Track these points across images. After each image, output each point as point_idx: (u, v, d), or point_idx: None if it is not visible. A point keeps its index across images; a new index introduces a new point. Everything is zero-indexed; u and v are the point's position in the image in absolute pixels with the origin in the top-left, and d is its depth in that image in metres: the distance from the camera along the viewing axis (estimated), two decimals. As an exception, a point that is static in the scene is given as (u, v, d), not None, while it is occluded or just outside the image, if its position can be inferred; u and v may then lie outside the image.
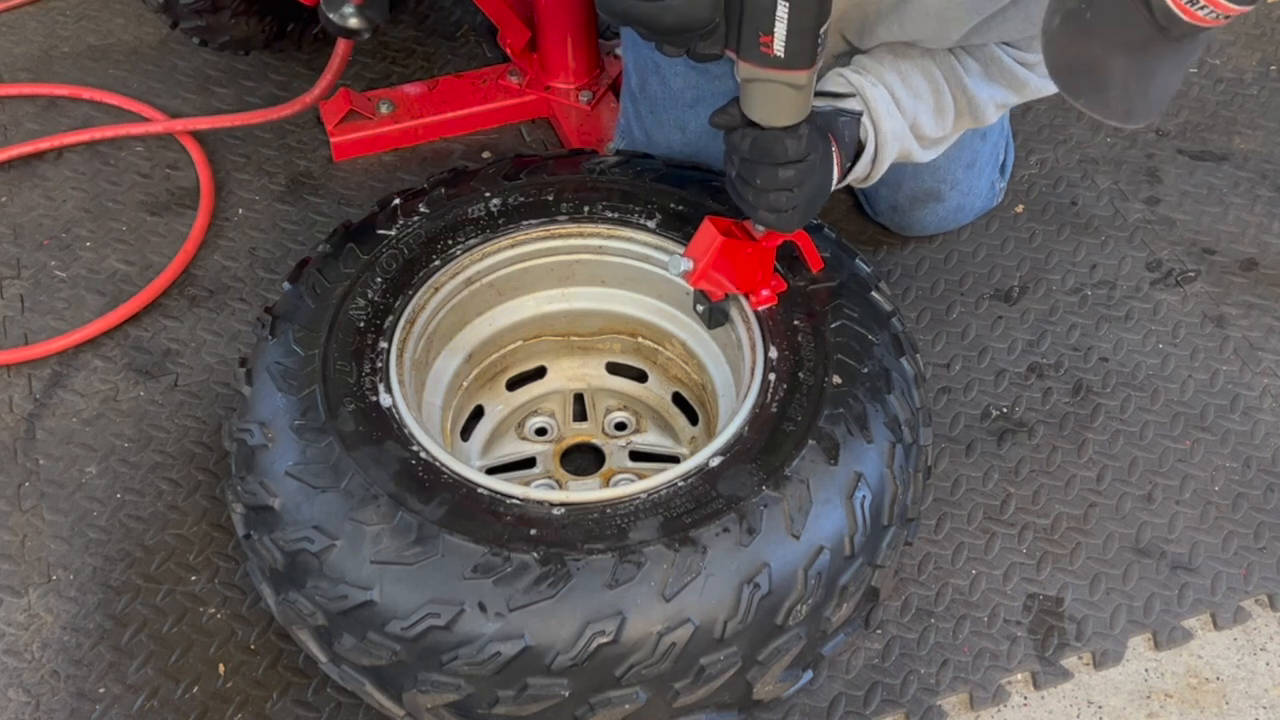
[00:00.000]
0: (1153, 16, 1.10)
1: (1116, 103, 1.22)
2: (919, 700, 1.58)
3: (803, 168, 1.42)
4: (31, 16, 2.47)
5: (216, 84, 2.34)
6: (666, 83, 1.91)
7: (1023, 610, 1.66)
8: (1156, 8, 1.10)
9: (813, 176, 1.45)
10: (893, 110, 1.59)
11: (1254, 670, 1.63)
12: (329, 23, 1.88)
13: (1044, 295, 2.02)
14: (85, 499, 1.75)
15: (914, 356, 1.57)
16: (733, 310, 1.58)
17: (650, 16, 1.27)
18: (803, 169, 1.42)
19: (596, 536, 1.33)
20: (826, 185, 1.51)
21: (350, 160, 2.22)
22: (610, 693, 1.31)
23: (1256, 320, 1.99)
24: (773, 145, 1.39)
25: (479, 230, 1.64)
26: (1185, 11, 1.09)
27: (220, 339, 1.94)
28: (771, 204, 1.44)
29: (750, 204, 1.46)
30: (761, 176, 1.42)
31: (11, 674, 1.59)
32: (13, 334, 1.95)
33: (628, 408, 1.79)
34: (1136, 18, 1.12)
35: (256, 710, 1.56)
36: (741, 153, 1.42)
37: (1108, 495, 1.78)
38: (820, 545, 1.36)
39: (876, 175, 1.64)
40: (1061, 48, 1.19)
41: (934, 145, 1.70)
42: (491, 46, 2.40)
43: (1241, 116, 2.30)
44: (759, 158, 1.41)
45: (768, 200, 1.44)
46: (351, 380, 1.47)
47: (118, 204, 2.13)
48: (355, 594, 1.31)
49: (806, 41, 1.27)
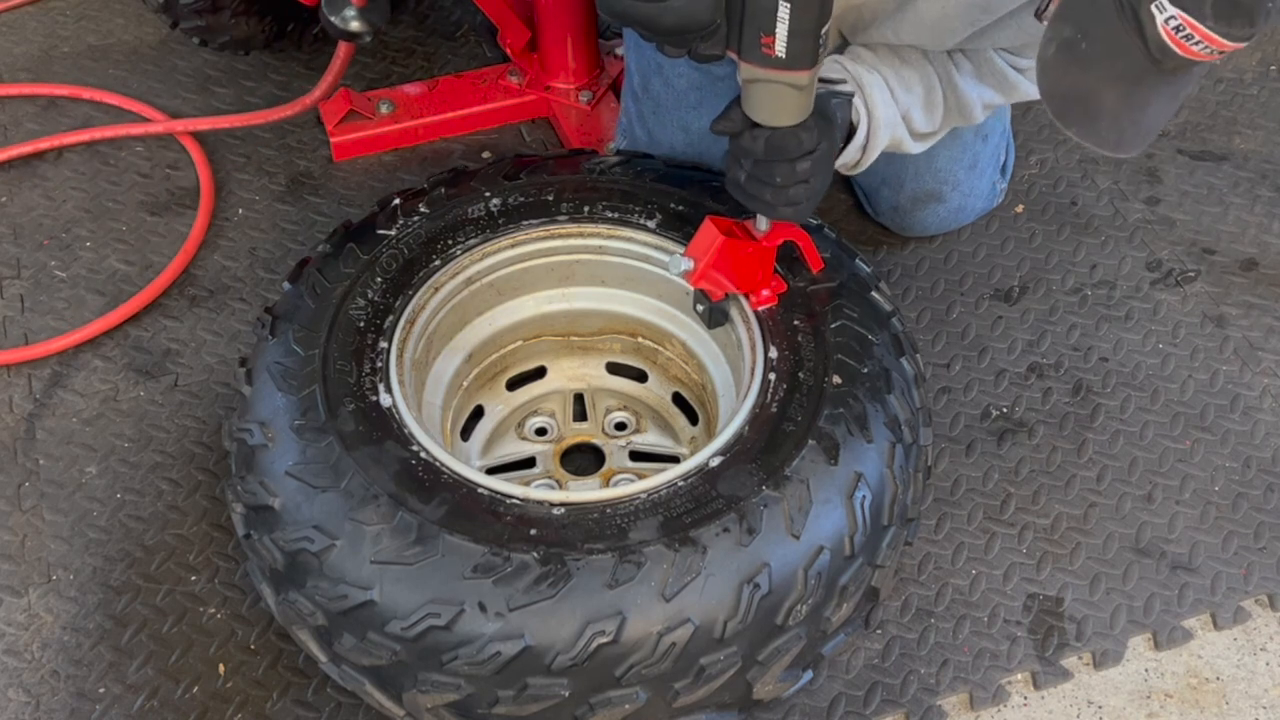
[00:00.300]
0: (1147, 49, 1.11)
1: (1107, 132, 1.22)
2: (919, 700, 1.58)
3: (816, 157, 1.43)
4: (31, 16, 2.47)
5: (216, 84, 2.34)
6: (670, 83, 1.90)
7: (1023, 610, 1.66)
8: (1151, 41, 1.10)
9: (826, 163, 1.47)
10: (887, 98, 1.60)
11: (1254, 670, 1.63)
12: (330, 25, 1.88)
13: (1044, 295, 2.02)
14: (85, 499, 1.75)
15: (914, 356, 1.57)
16: (733, 310, 1.58)
17: (651, 17, 1.27)
18: (817, 159, 1.43)
19: (596, 536, 1.33)
20: (831, 170, 1.52)
21: (350, 160, 2.22)
22: (610, 693, 1.31)
23: (1256, 320, 1.99)
24: (787, 142, 1.40)
25: (479, 230, 1.64)
26: (1179, 46, 1.09)
27: (220, 339, 1.94)
28: (791, 198, 1.45)
29: (769, 203, 1.46)
30: (781, 174, 1.42)
31: (11, 674, 1.59)
32: (13, 334, 1.95)
33: (628, 408, 1.79)
34: (1131, 50, 1.12)
35: (256, 710, 1.56)
36: (756, 154, 1.42)
37: (1108, 495, 1.78)
38: (820, 545, 1.36)
39: (866, 163, 1.64)
40: (1055, 76, 1.20)
41: (923, 139, 1.71)
42: (491, 46, 2.40)
43: (1241, 116, 2.30)
44: (776, 156, 1.41)
45: (787, 195, 1.44)
46: (351, 380, 1.47)
47: (118, 204, 2.13)
48: (355, 594, 1.31)
49: (808, 42, 1.27)
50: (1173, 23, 1.08)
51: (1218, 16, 1.06)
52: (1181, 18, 1.07)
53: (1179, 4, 1.06)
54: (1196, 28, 1.07)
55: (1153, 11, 1.08)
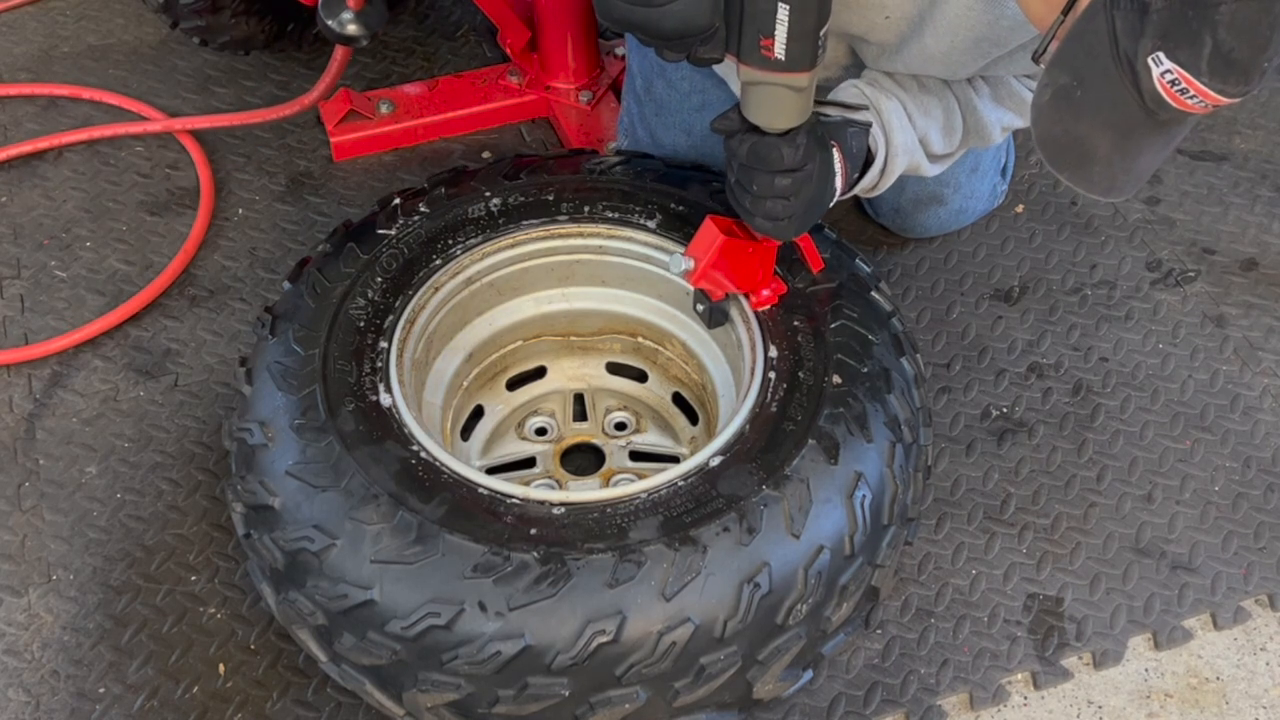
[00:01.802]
0: (1142, 101, 1.12)
1: (1100, 178, 1.23)
2: (919, 700, 1.58)
3: (799, 176, 1.42)
4: (31, 16, 2.47)
5: (216, 84, 2.34)
6: (673, 85, 1.90)
7: (1023, 610, 1.66)
8: (1146, 93, 1.11)
9: (809, 186, 1.45)
10: (905, 123, 1.59)
11: (1254, 670, 1.63)
12: (326, 29, 1.88)
13: (1044, 295, 2.02)
14: (85, 499, 1.75)
15: (914, 356, 1.57)
16: (733, 310, 1.58)
17: (651, 22, 1.27)
18: (799, 178, 1.42)
19: (597, 536, 1.33)
20: (826, 195, 1.51)
21: (350, 160, 2.22)
22: (610, 692, 1.31)
23: (1256, 320, 1.99)
24: (769, 152, 1.40)
25: (479, 230, 1.64)
26: (1174, 99, 1.10)
27: (220, 339, 1.94)
28: (768, 211, 1.45)
29: (747, 210, 1.46)
30: (758, 183, 1.42)
31: (11, 674, 1.59)
32: (13, 334, 1.95)
33: (628, 408, 1.79)
34: (1126, 100, 1.13)
35: (256, 710, 1.56)
36: (740, 158, 1.42)
37: (1108, 495, 1.78)
38: (820, 545, 1.36)
39: (884, 186, 1.64)
40: (1049, 123, 1.20)
41: (940, 161, 1.70)
42: (491, 46, 2.40)
43: (1241, 116, 2.30)
44: (755, 164, 1.41)
45: (764, 208, 1.44)
46: (352, 380, 1.47)
47: (118, 204, 2.13)
48: (355, 593, 1.31)
49: (807, 44, 1.27)
50: (1169, 77, 1.08)
51: (1213, 73, 1.07)
52: (1178, 73, 1.08)
53: (1176, 59, 1.07)
54: (1192, 83, 1.08)
55: (1149, 64, 1.09)
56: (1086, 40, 1.14)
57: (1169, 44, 1.07)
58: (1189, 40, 1.06)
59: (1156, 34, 1.07)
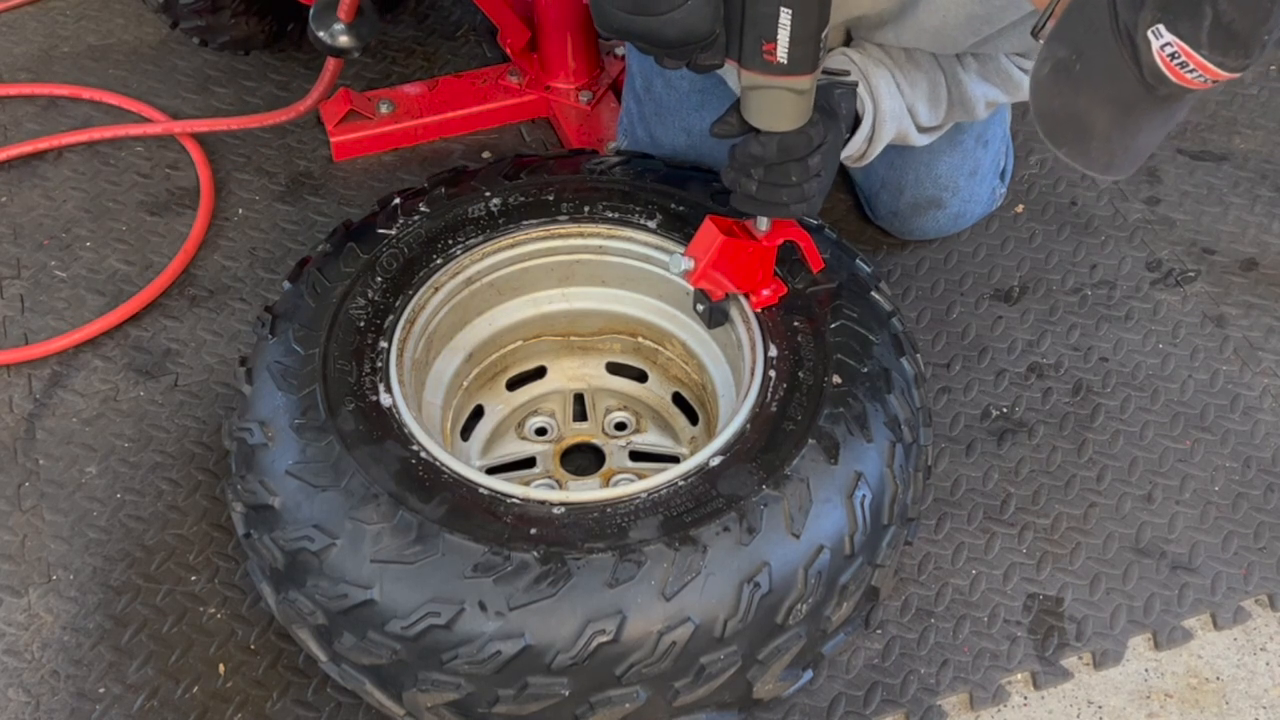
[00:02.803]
0: (1142, 75, 1.11)
1: (1098, 155, 1.22)
2: (919, 700, 1.58)
3: (825, 150, 1.44)
4: (31, 16, 2.47)
5: (216, 84, 2.34)
6: (673, 86, 1.91)
7: (1023, 610, 1.66)
8: (1146, 67, 1.10)
9: (833, 154, 1.47)
10: (893, 90, 1.60)
11: (1254, 670, 1.63)
12: (318, 41, 1.87)
13: (1044, 295, 2.02)
14: (85, 499, 1.75)
15: (914, 356, 1.57)
16: (733, 310, 1.58)
17: (651, 31, 1.26)
18: (825, 151, 1.44)
19: (597, 536, 1.33)
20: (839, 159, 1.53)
21: (350, 160, 2.22)
22: (610, 692, 1.31)
23: (1256, 320, 1.99)
24: (797, 141, 1.40)
25: (479, 230, 1.64)
26: (1174, 73, 1.09)
27: (220, 339, 1.94)
28: (805, 194, 1.45)
29: (784, 203, 1.45)
30: (796, 173, 1.42)
31: (11, 674, 1.59)
32: (13, 334, 1.95)
33: (628, 408, 1.79)
34: (1125, 75, 1.12)
35: (256, 710, 1.56)
36: (768, 159, 1.41)
37: (1108, 495, 1.78)
38: (820, 544, 1.36)
39: (871, 154, 1.64)
40: (1048, 97, 1.20)
41: (927, 133, 1.72)
42: (491, 46, 2.40)
43: (1241, 116, 2.31)
44: (789, 157, 1.41)
45: (802, 192, 1.45)
46: (352, 379, 1.47)
47: (118, 204, 2.13)
48: (355, 593, 1.31)
49: (809, 46, 1.28)
50: (1169, 49, 1.08)
51: (1213, 46, 1.06)
52: (1178, 45, 1.07)
53: (1176, 31, 1.07)
54: (1192, 56, 1.07)
55: (1149, 37, 1.08)
56: (1086, 13, 1.13)
57: (1169, 15, 1.06)
58: (1189, 11, 1.05)
59: (1157, 5, 1.06)
